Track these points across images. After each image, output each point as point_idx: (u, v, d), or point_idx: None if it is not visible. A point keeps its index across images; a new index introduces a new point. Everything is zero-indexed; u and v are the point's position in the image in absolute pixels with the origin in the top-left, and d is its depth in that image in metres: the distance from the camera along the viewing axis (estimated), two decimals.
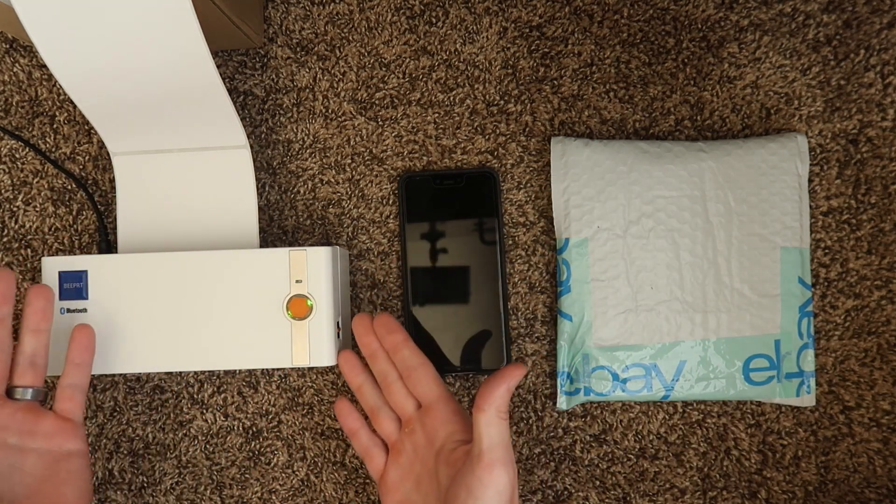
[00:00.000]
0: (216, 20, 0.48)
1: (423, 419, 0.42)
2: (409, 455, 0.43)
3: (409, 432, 0.43)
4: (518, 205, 0.54)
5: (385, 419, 0.45)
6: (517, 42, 0.54)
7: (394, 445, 0.44)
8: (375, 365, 0.45)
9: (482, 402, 0.37)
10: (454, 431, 0.41)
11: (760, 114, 0.53)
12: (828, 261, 0.53)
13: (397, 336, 0.44)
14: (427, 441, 0.42)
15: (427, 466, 0.42)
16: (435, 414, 0.42)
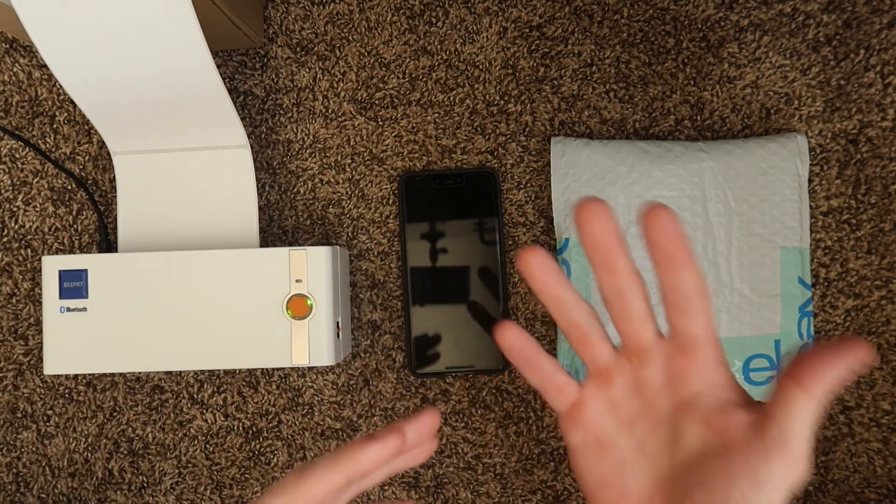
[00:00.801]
0: (216, 20, 0.48)
1: (673, 356, 0.33)
2: (625, 389, 0.34)
3: (638, 363, 0.34)
4: (518, 205, 0.54)
5: (598, 339, 0.34)
6: (517, 42, 0.54)
7: (602, 372, 0.34)
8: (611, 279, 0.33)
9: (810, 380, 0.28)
10: (719, 386, 0.32)
11: (760, 114, 0.54)
12: (828, 261, 0.53)
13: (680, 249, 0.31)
14: (668, 382, 0.33)
15: (655, 410, 0.33)
16: (696, 357, 0.33)
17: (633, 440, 0.34)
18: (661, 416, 0.33)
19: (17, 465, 0.55)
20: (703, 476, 0.31)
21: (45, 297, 0.48)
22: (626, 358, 0.34)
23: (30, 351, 0.55)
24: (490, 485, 0.53)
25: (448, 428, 0.54)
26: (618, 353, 0.34)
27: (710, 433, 0.32)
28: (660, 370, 0.33)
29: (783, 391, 0.29)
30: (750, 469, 0.30)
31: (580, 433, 0.34)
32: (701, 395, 0.32)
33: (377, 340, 0.54)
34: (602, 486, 0.34)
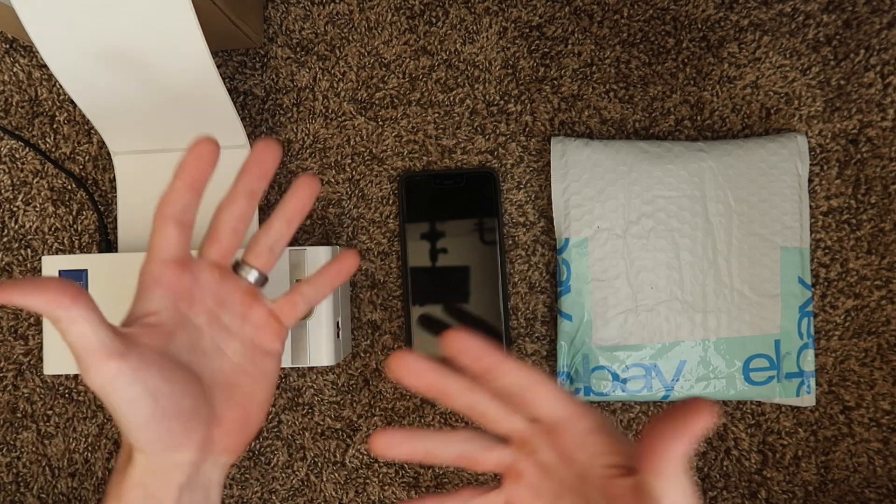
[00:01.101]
0: (216, 20, 0.48)
1: (550, 439, 0.34)
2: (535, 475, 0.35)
3: (530, 452, 0.35)
4: (518, 205, 0.54)
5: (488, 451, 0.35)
6: (517, 42, 0.54)
7: (508, 470, 0.35)
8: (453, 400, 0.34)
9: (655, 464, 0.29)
10: (599, 454, 0.33)
11: (760, 114, 0.53)
12: (828, 261, 0.53)
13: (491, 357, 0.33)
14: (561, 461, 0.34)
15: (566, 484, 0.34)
16: (565, 434, 0.34)
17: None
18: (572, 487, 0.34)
19: (17, 465, 0.55)
20: None
21: None
22: (518, 450, 0.35)
23: (30, 351, 0.55)
24: (490, 484, 0.53)
25: (448, 428, 0.54)
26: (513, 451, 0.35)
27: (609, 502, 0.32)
28: (550, 452, 0.34)
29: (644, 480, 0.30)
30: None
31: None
32: (588, 466, 0.33)
33: (377, 340, 0.54)
34: None
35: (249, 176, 0.37)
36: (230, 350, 0.37)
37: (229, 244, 0.37)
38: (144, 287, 0.35)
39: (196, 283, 0.36)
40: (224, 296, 0.37)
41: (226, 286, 0.37)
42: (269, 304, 0.38)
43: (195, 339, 0.36)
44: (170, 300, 0.35)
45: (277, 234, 0.38)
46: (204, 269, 0.37)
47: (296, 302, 0.39)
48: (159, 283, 0.35)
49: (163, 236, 0.35)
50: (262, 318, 0.38)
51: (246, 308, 0.38)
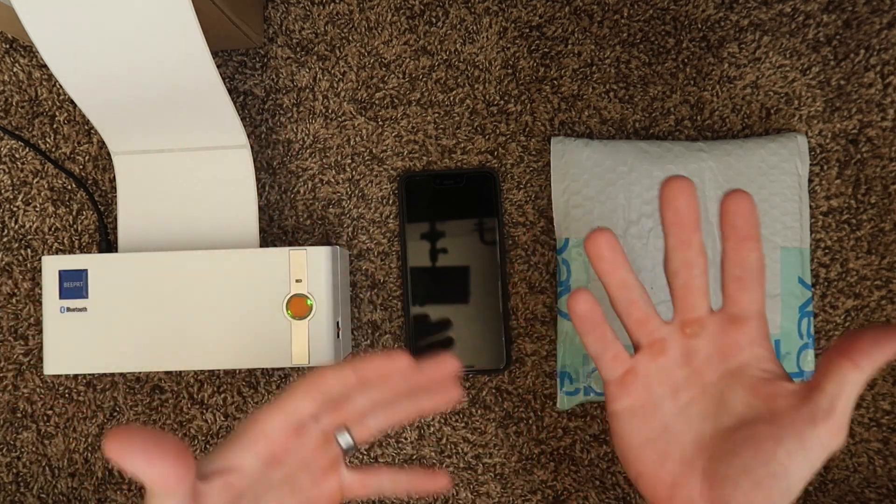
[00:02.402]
0: (216, 20, 0.48)
1: (726, 329, 0.35)
2: (676, 358, 0.36)
3: (690, 334, 0.36)
4: (518, 205, 0.54)
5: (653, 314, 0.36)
6: (517, 42, 0.54)
7: (655, 342, 0.36)
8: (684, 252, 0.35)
9: (860, 356, 0.31)
10: (764, 358, 0.35)
11: (760, 114, 0.54)
12: (828, 261, 0.53)
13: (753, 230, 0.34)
14: (718, 352, 0.35)
15: (701, 378, 0.36)
16: (747, 329, 0.35)
17: (677, 405, 0.36)
18: (706, 383, 0.36)
19: (17, 465, 0.55)
20: (748, 437, 0.33)
21: (45, 297, 0.48)
22: (680, 329, 0.36)
23: (30, 351, 0.55)
24: (490, 485, 0.53)
25: (448, 428, 0.54)
26: (670, 326, 0.36)
27: (756, 400, 0.34)
28: (710, 341, 0.36)
29: (833, 365, 0.32)
30: (796, 432, 0.32)
31: (627, 398, 0.36)
32: (747, 366, 0.35)
33: (377, 340, 0.54)
34: (644, 447, 0.36)
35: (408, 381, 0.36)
36: None
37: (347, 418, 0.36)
38: (249, 436, 0.34)
39: (298, 448, 0.35)
40: (313, 460, 0.36)
41: (321, 451, 0.36)
42: (344, 475, 0.37)
43: (259, 495, 0.34)
44: (262, 461, 0.34)
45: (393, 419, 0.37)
46: (313, 434, 0.35)
47: (368, 485, 0.37)
48: (265, 441, 0.34)
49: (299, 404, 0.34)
50: (332, 490, 0.36)
51: (323, 475, 0.36)
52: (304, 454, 0.35)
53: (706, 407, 0.35)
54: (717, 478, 0.34)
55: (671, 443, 0.35)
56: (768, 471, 0.32)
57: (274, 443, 0.34)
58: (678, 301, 0.36)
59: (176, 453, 0.29)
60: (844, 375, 0.31)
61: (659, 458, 0.35)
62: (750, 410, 0.34)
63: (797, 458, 0.32)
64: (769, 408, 0.34)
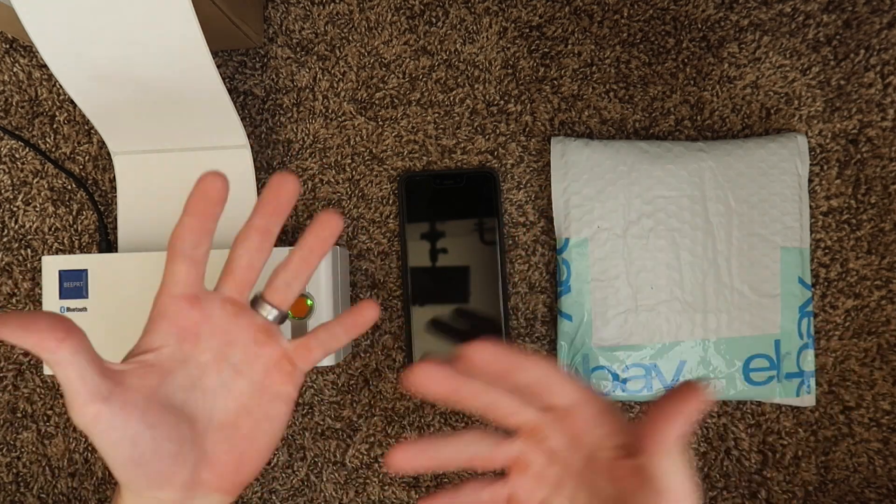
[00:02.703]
0: (216, 20, 0.48)
1: (561, 425, 0.36)
2: (542, 464, 0.36)
3: (539, 440, 0.36)
4: (518, 205, 0.54)
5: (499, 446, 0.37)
6: (517, 42, 0.54)
7: (516, 462, 0.37)
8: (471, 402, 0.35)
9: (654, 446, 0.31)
10: (606, 435, 0.35)
11: (760, 114, 0.54)
12: (828, 261, 0.53)
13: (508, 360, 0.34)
14: (570, 445, 0.36)
15: (571, 470, 0.36)
16: (576, 418, 0.35)
17: (565, 499, 0.36)
18: (577, 473, 0.35)
19: (17, 465, 0.55)
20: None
21: (45, 297, 0.48)
22: (529, 440, 0.36)
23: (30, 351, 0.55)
24: (492, 478, 0.53)
25: (448, 428, 0.54)
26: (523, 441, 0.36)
27: (610, 485, 0.34)
28: (558, 438, 0.36)
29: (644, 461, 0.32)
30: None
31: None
32: (596, 449, 0.35)
33: (377, 340, 0.54)
34: None
35: (262, 213, 0.36)
36: (236, 390, 0.36)
37: (244, 279, 0.36)
38: (151, 321, 0.35)
39: (206, 319, 0.36)
40: (236, 333, 0.36)
41: (239, 323, 0.36)
42: (284, 345, 0.37)
43: (197, 377, 0.35)
44: (174, 337, 0.35)
45: (295, 271, 0.37)
46: (217, 305, 0.36)
47: (310, 347, 0.38)
48: (165, 318, 0.35)
49: (172, 271, 0.35)
50: (275, 359, 0.37)
51: (258, 346, 0.37)
52: (219, 325, 0.36)
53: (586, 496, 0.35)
54: None
55: None
56: None
57: (175, 317, 0.35)
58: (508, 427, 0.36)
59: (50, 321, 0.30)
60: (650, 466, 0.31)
61: None
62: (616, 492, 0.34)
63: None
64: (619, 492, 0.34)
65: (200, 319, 0.35)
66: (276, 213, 0.36)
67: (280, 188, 0.36)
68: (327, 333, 0.38)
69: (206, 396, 0.36)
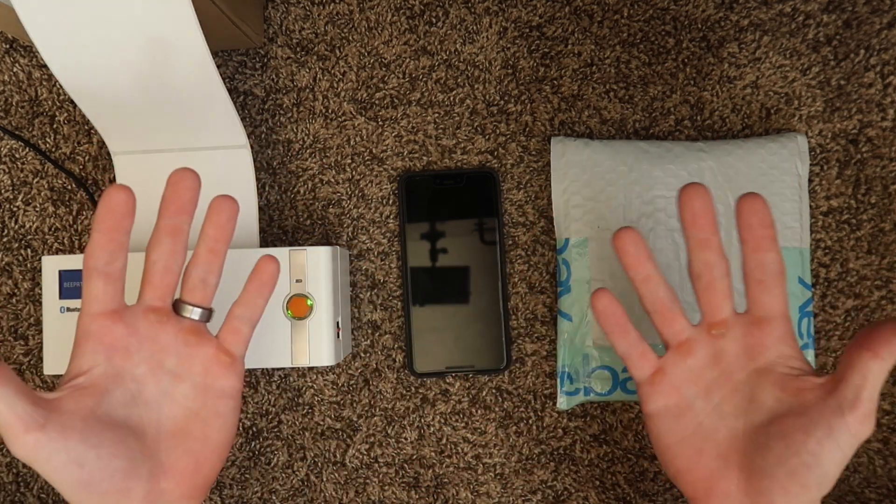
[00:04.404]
0: (216, 20, 0.48)
1: (750, 329, 0.37)
2: (704, 358, 0.37)
3: (717, 335, 0.37)
4: (518, 205, 0.54)
5: (679, 314, 0.38)
6: (517, 42, 0.54)
7: (683, 343, 0.38)
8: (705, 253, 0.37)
9: (881, 346, 0.32)
10: (789, 356, 0.36)
11: (760, 114, 0.54)
12: (828, 261, 0.53)
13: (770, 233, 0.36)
14: (744, 352, 0.37)
15: (731, 377, 0.37)
16: (771, 329, 0.36)
17: (710, 404, 0.37)
18: (736, 382, 0.37)
19: (18, 464, 0.55)
20: (780, 431, 0.35)
21: (45, 297, 0.48)
22: (706, 331, 0.38)
23: (30, 351, 0.55)
24: (490, 485, 0.53)
25: (448, 428, 0.54)
26: (697, 328, 0.38)
27: (785, 395, 0.36)
28: (736, 342, 0.37)
29: (856, 357, 0.33)
30: (825, 423, 0.33)
31: (661, 399, 0.38)
32: (774, 364, 0.36)
33: (377, 340, 0.54)
34: (680, 445, 0.37)
35: (167, 213, 0.36)
36: (179, 395, 0.36)
37: (164, 285, 0.36)
38: (76, 344, 0.35)
39: (132, 332, 0.35)
40: (165, 340, 0.36)
41: (166, 329, 0.36)
42: (216, 340, 0.38)
43: (136, 390, 0.35)
44: (102, 355, 0.35)
45: (205, 265, 0.37)
46: (140, 316, 0.36)
47: (236, 328, 0.38)
48: (90, 338, 0.34)
49: (90, 289, 0.34)
50: (210, 356, 0.37)
51: (191, 348, 0.37)
52: (147, 335, 0.36)
53: (737, 405, 0.37)
54: (753, 470, 0.35)
55: (706, 440, 0.37)
56: (801, 461, 0.33)
57: (100, 335, 0.34)
58: (702, 303, 0.38)
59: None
60: (867, 366, 0.33)
61: (695, 454, 0.37)
62: (779, 405, 0.35)
63: (828, 447, 0.33)
64: (798, 401, 0.35)
65: (126, 333, 0.35)
66: (181, 210, 0.36)
67: (179, 184, 0.36)
68: (243, 306, 0.38)
69: (150, 407, 0.36)
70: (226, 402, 0.37)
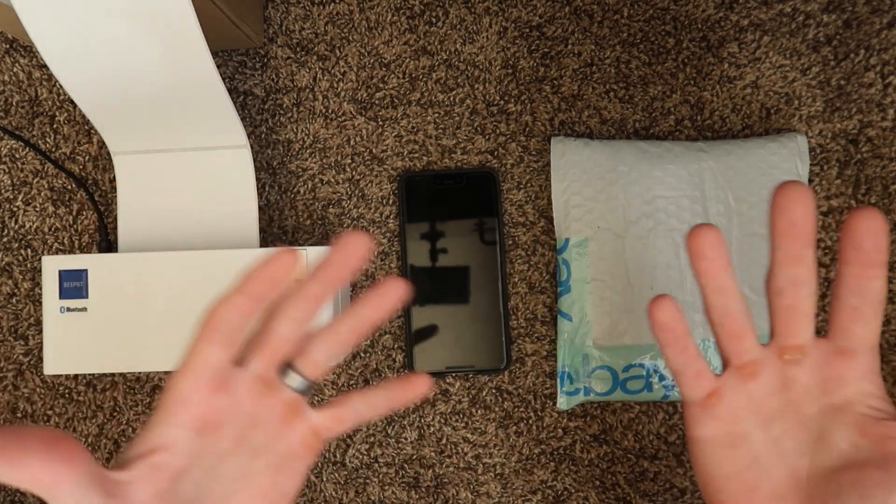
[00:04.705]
0: (216, 20, 0.48)
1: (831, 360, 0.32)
2: (770, 384, 0.33)
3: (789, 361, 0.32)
4: (518, 205, 0.54)
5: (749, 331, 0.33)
6: (517, 42, 0.54)
7: (747, 364, 0.33)
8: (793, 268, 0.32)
9: None
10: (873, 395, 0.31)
11: (760, 114, 0.53)
12: (828, 261, 0.53)
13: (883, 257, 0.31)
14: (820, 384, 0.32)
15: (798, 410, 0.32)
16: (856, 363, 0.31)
17: (769, 437, 0.33)
18: (804, 416, 0.32)
19: None
20: (855, 481, 0.30)
21: (45, 297, 0.48)
22: (777, 354, 0.33)
23: (30, 351, 0.55)
24: (490, 485, 0.53)
25: (448, 428, 0.54)
26: (766, 349, 0.33)
27: (864, 441, 0.31)
28: (812, 371, 0.32)
29: None
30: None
31: (712, 424, 0.33)
32: (853, 402, 0.32)
33: (377, 340, 0.54)
34: (730, 480, 0.33)
35: (322, 278, 0.32)
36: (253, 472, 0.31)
37: (280, 351, 0.32)
38: (164, 409, 0.30)
39: (233, 405, 0.31)
40: (262, 415, 0.31)
41: (267, 403, 0.31)
42: (313, 419, 0.33)
43: (212, 468, 0.30)
44: (192, 429, 0.30)
45: (341, 342, 0.32)
46: (246, 387, 0.31)
47: (343, 419, 0.33)
48: (184, 407, 0.30)
49: (202, 353, 0.30)
50: (301, 439, 0.32)
51: (285, 426, 0.32)
52: (245, 409, 0.31)
53: (803, 441, 0.32)
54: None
55: (761, 477, 0.32)
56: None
57: (198, 407, 0.30)
58: (779, 324, 0.32)
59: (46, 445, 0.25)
60: None
61: (746, 491, 0.33)
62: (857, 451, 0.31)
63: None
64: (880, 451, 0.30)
65: (226, 407, 0.30)
66: (337, 279, 0.32)
67: (351, 248, 0.32)
68: (365, 403, 0.33)
69: (221, 485, 0.31)
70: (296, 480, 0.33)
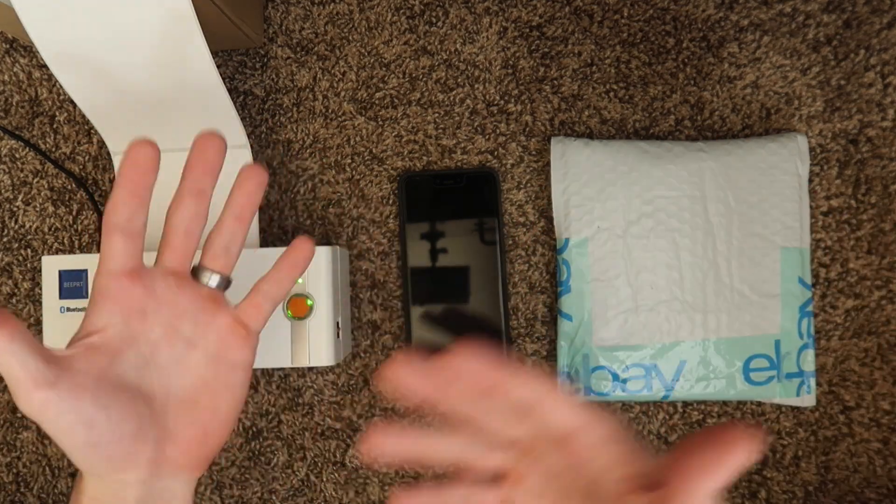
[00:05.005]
0: (216, 20, 0.48)
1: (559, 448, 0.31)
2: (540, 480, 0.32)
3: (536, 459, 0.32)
4: (518, 205, 0.54)
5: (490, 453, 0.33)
6: (517, 42, 0.54)
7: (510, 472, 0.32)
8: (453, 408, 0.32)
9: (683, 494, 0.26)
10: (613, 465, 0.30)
11: (760, 114, 0.53)
12: (828, 261, 0.53)
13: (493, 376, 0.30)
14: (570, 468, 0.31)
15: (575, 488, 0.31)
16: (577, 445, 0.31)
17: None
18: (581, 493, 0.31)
19: (17, 465, 0.55)
20: None
21: (45, 297, 0.48)
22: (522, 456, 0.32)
23: None
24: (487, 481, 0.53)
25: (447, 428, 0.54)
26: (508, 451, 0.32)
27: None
28: (558, 459, 0.31)
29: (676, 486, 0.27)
30: None
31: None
32: (601, 476, 0.30)
33: (377, 340, 0.54)
34: None
35: (192, 174, 0.35)
36: (191, 363, 0.35)
37: (184, 249, 0.36)
38: (92, 302, 0.34)
39: (150, 294, 0.34)
40: (183, 305, 0.35)
41: (184, 294, 0.35)
42: (233, 310, 0.37)
43: (149, 354, 0.34)
44: (119, 315, 0.34)
45: (230, 232, 0.36)
46: (159, 279, 0.35)
47: (259, 303, 0.37)
48: (107, 297, 0.33)
49: (109, 247, 0.33)
50: (227, 326, 0.36)
51: (208, 316, 0.36)
52: (166, 299, 0.35)
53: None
54: None
55: None
56: None
57: (117, 295, 0.33)
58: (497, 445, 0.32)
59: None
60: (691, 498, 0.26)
61: None
62: None
63: None
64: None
65: (144, 295, 0.34)
66: (206, 172, 0.35)
67: (206, 146, 0.35)
68: (270, 283, 0.37)
69: (161, 373, 0.35)
70: (237, 374, 0.36)
